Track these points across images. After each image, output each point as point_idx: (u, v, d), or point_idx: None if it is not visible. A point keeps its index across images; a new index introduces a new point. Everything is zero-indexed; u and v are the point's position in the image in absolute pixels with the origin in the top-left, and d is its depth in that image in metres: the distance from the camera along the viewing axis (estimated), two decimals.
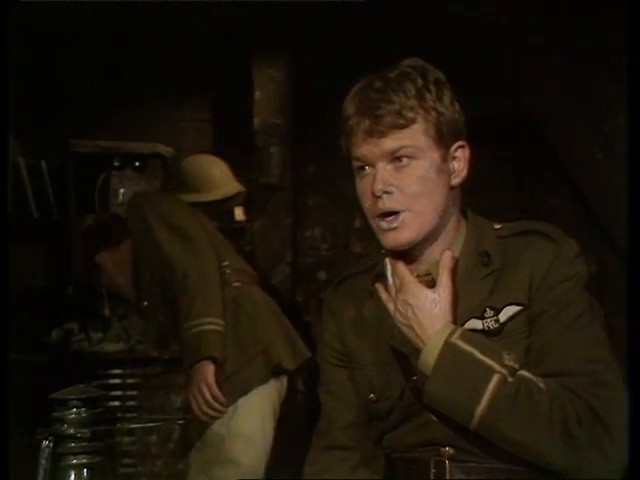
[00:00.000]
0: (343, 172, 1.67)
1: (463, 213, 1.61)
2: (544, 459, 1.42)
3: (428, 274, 1.56)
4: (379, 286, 1.58)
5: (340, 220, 4.40)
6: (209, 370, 2.64)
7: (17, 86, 2.06)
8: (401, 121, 1.48)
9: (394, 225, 1.51)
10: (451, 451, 1.53)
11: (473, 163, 1.58)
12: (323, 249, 4.48)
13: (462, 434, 1.48)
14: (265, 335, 2.76)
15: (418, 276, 1.54)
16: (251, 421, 2.72)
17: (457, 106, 1.54)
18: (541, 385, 1.43)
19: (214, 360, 2.64)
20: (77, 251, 3.35)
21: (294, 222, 4.27)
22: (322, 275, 4.43)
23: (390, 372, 1.59)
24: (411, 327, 1.50)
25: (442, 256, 1.52)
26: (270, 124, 4.06)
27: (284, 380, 2.81)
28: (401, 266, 1.53)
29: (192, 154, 3.29)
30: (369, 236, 1.57)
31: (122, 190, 3.46)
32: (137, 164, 3.45)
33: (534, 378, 1.44)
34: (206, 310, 2.66)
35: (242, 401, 2.70)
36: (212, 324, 2.66)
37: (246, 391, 2.70)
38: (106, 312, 3.28)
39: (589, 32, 3.77)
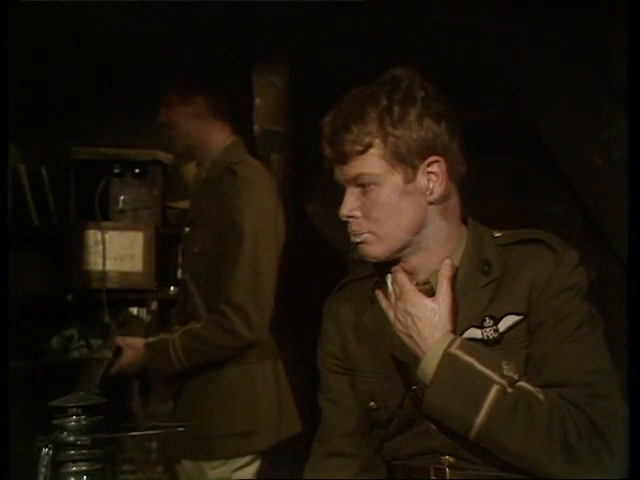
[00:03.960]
0: None
1: (464, 221, 1.61)
2: (543, 470, 1.42)
3: (427, 283, 1.56)
4: (379, 293, 1.58)
5: (339, 226, 4.39)
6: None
7: (17, 92, 2.06)
8: (358, 147, 1.51)
9: (358, 240, 1.56)
10: (451, 459, 1.53)
11: (473, 171, 1.58)
12: None
13: (462, 443, 1.49)
14: (259, 416, 2.63)
15: (417, 284, 1.55)
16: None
17: (427, 122, 1.51)
18: (540, 396, 1.44)
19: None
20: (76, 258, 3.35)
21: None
22: None
23: (391, 380, 1.59)
24: (411, 336, 1.50)
25: (442, 265, 1.52)
26: (270, 131, 4.06)
27: (257, 462, 2.69)
28: (401, 274, 1.54)
29: (192, 161, 3.28)
30: None
31: (122, 197, 3.45)
32: (137, 171, 3.45)
33: (533, 389, 1.45)
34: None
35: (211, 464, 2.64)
36: None
37: (217, 458, 2.62)
38: (106, 319, 3.28)
39: (589, 40, 3.78)
